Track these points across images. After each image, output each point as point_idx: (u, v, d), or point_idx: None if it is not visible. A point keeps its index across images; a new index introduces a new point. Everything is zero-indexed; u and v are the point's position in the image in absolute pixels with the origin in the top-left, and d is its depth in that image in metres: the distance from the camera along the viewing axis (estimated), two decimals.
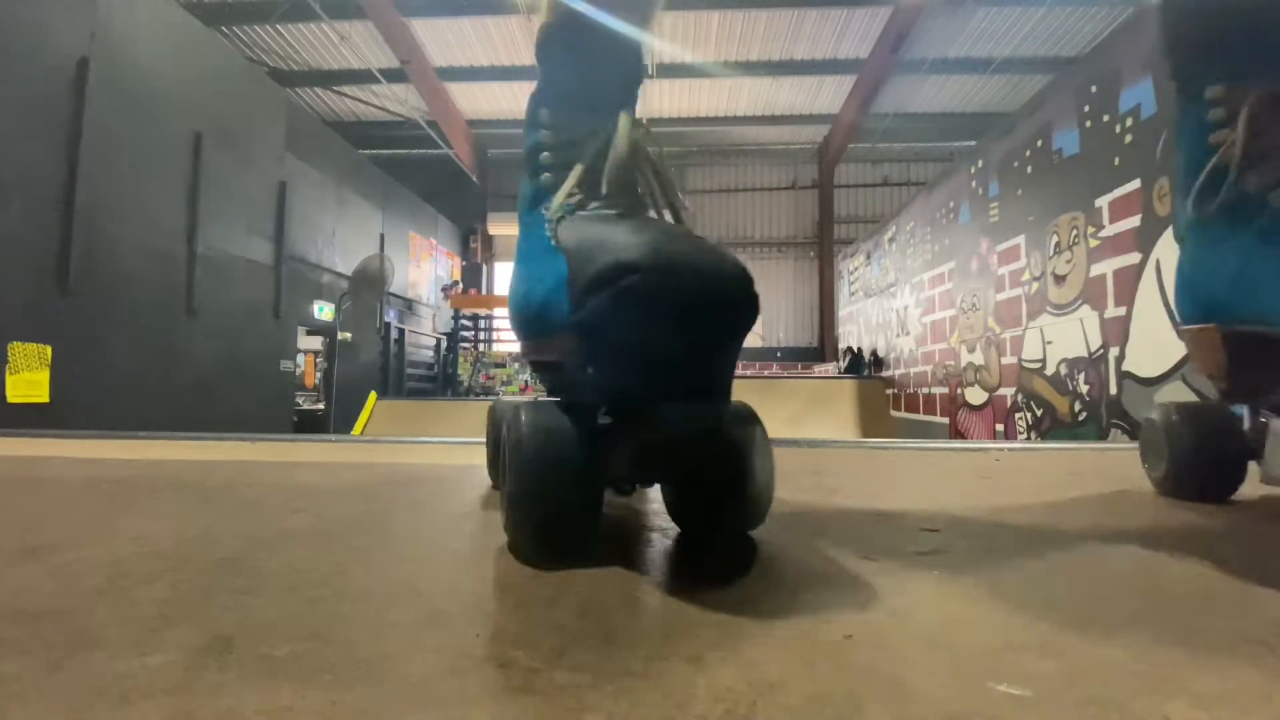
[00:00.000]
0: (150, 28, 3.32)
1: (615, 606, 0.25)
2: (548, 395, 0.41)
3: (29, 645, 0.21)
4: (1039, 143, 3.13)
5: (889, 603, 0.25)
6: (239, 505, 0.45)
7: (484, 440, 0.60)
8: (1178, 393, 2.25)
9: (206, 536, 0.35)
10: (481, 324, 7.11)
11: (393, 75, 7.56)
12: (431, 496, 0.48)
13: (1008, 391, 3.41)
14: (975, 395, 3.81)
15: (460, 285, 9.35)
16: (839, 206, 10.30)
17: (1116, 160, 2.56)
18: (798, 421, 5.30)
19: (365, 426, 4.10)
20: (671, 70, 7.96)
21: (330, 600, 0.25)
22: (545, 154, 0.40)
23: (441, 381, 7.21)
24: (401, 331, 6.71)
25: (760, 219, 10.69)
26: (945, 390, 4.24)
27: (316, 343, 6.10)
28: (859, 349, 6.20)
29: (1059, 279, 2.95)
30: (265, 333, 4.31)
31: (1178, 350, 2.25)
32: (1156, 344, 2.35)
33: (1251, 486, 0.47)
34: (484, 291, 10.32)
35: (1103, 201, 2.64)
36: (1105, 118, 2.65)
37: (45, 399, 2.68)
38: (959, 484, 0.59)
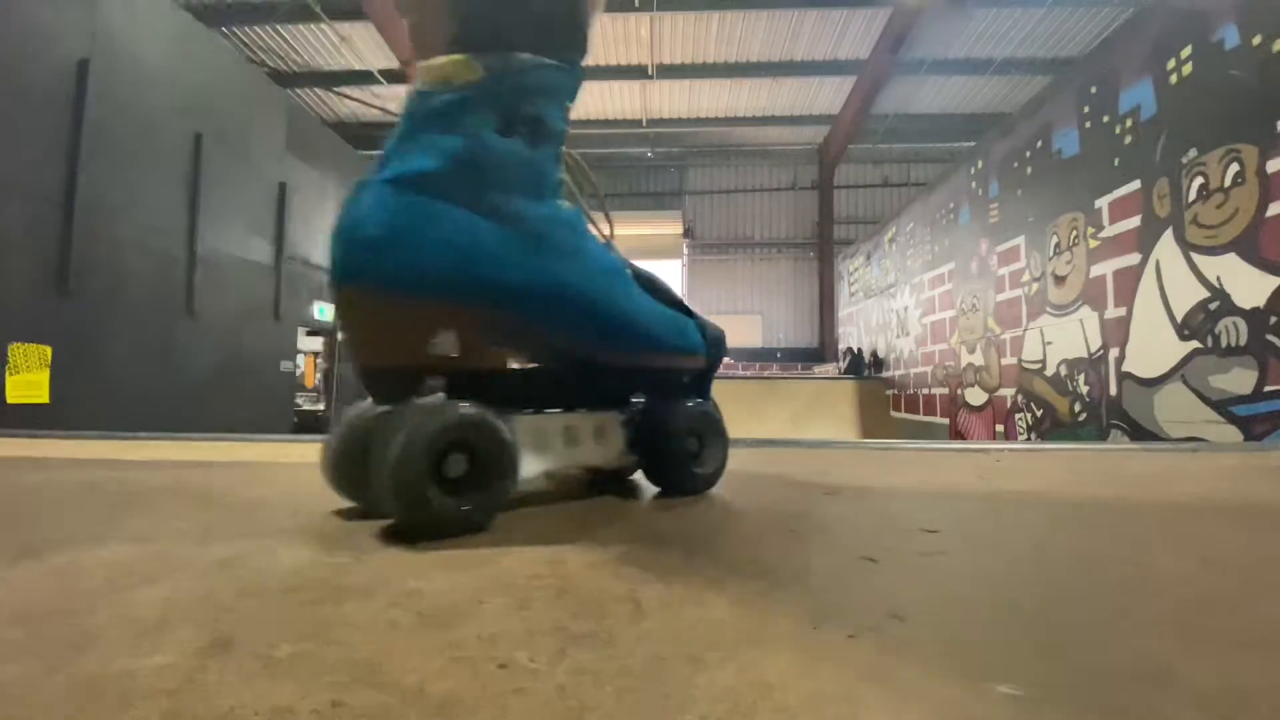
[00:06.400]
0: (150, 28, 3.32)
1: (613, 607, 0.25)
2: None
3: (29, 646, 0.21)
4: (1039, 143, 3.14)
5: (889, 603, 0.25)
6: (239, 506, 0.45)
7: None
8: (1178, 393, 2.25)
9: (207, 537, 0.35)
10: None
11: (393, 76, 7.57)
12: None
13: (1008, 392, 3.41)
14: (975, 396, 3.81)
15: None
16: (839, 207, 10.31)
17: (1116, 161, 2.57)
18: (798, 422, 5.31)
19: None
20: (672, 71, 7.96)
21: (331, 600, 0.25)
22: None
23: None
24: None
25: (760, 219, 10.71)
26: (945, 391, 4.24)
27: (317, 343, 6.09)
28: (859, 350, 6.20)
29: (1059, 280, 2.95)
30: (265, 333, 4.31)
31: (1178, 351, 2.25)
32: (1156, 345, 2.35)
33: None
34: None
35: (1102, 202, 2.64)
36: (1105, 118, 2.65)
37: (45, 399, 2.68)
38: (959, 485, 0.59)
